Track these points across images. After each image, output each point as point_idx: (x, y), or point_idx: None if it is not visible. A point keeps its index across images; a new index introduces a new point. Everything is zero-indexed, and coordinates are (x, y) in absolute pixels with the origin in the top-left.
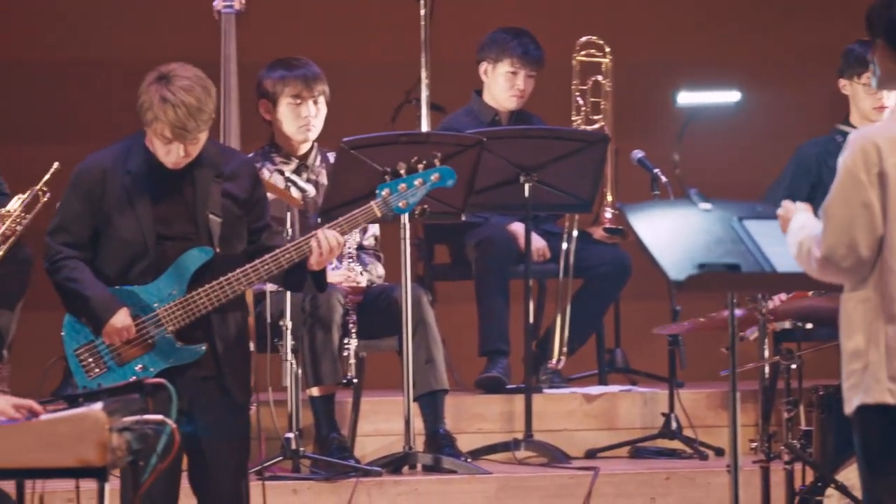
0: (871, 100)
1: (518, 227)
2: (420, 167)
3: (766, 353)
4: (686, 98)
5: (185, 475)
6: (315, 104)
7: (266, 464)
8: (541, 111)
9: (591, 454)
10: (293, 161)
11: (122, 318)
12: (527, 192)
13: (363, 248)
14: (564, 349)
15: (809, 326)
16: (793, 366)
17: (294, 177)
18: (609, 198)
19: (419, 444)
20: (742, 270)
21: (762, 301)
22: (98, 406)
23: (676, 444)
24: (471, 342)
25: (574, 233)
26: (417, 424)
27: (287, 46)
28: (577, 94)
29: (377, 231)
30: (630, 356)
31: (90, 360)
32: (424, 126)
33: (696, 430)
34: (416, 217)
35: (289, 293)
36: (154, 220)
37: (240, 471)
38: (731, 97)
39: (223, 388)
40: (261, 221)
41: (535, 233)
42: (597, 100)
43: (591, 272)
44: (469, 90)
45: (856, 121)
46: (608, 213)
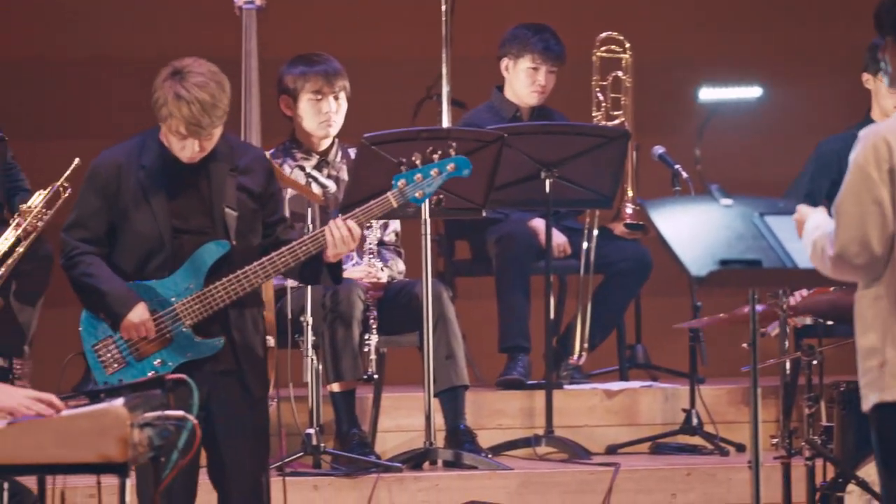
0: (894, 97)
1: (539, 223)
2: (436, 157)
3: (788, 349)
4: (707, 94)
5: (203, 470)
6: (336, 100)
7: (287, 460)
8: (561, 107)
9: (612, 450)
10: (314, 157)
11: (141, 313)
12: (547, 188)
13: (384, 244)
14: (585, 345)
15: (830, 322)
16: (814, 362)
17: (315, 173)
18: (630, 193)
19: (440, 440)
20: (763, 266)
21: (783, 297)
22: (119, 402)
23: (697, 440)
24: (491, 338)
25: (595, 229)
26: (438, 420)
27: (308, 42)
28: (598, 90)
29: (398, 227)
30: (651, 352)
31: (108, 356)
32: (445, 122)
33: (717, 426)
34: (433, 207)
35: (309, 289)
36: (170, 215)
37: (259, 465)
38: (753, 93)
39: (242, 382)
40: (275, 215)
41: (556, 229)
42: (617, 95)
43: (612, 268)
44: (490, 86)
45: (877, 116)
46: (629, 209)
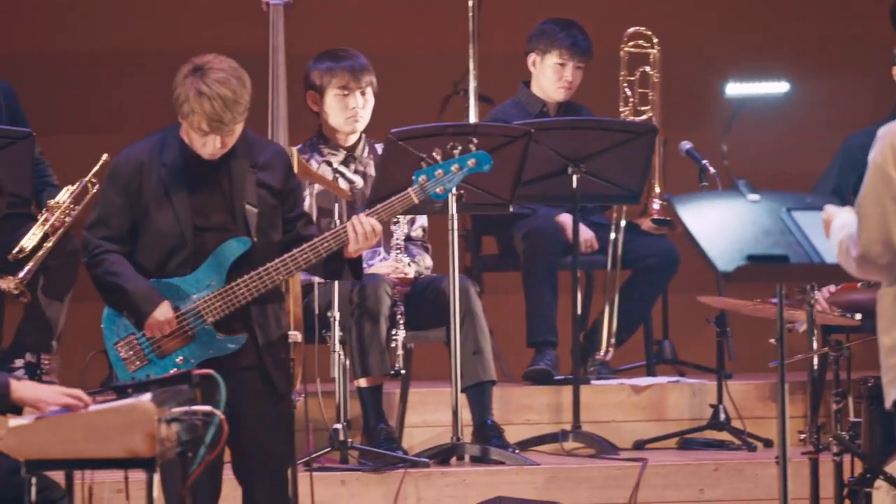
0: None
1: (566, 219)
2: (456, 153)
3: (815, 345)
4: (734, 89)
5: (228, 466)
6: (362, 95)
7: (314, 455)
8: (589, 102)
9: (640, 445)
10: (341, 152)
11: (164, 311)
12: (575, 184)
13: (411, 240)
14: (612, 340)
15: (858, 317)
16: (841, 357)
17: (342, 168)
18: (657, 189)
19: (467, 436)
20: (790, 262)
21: (811, 292)
22: (147, 397)
23: (725, 436)
24: (518, 333)
25: (622, 224)
26: (465, 415)
27: (335, 38)
28: (625, 85)
29: (425, 222)
30: (678, 347)
31: (131, 354)
32: (472, 117)
33: (745, 422)
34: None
35: (337, 284)
36: (191, 212)
37: (284, 460)
38: (780, 88)
39: (265, 378)
40: (295, 211)
41: (583, 224)
42: (645, 91)
43: (639, 263)
44: (517, 81)
45: None
46: (656, 205)
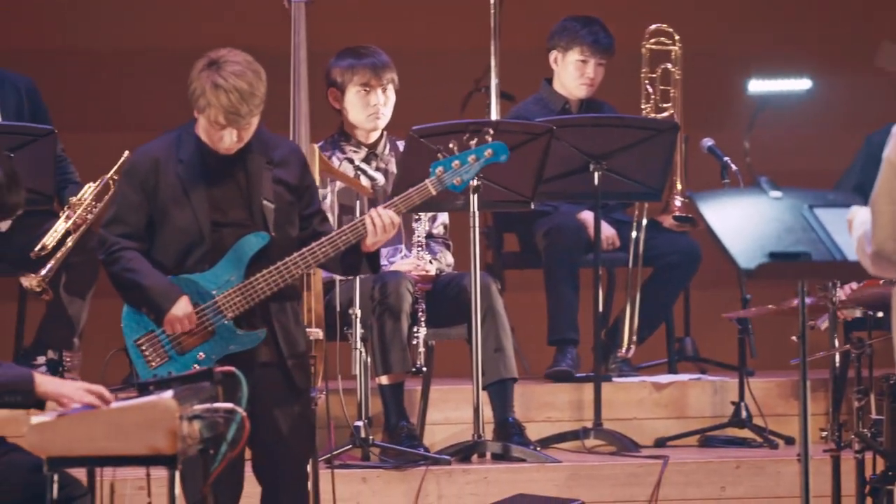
0: None
1: (587, 216)
2: (472, 143)
3: (837, 342)
4: (757, 86)
5: (248, 463)
6: (384, 92)
7: (335, 452)
8: (610, 99)
9: (661, 443)
10: (362, 149)
11: (184, 307)
12: (596, 181)
13: (432, 237)
14: (634, 338)
15: (880, 315)
16: (863, 354)
17: (363, 165)
18: (679, 186)
19: (488, 433)
20: (812, 259)
21: (833, 290)
22: (169, 394)
23: (746, 433)
24: (540, 331)
25: (644, 221)
26: (486, 413)
27: (356, 35)
28: (647, 82)
29: (446, 219)
30: (700, 345)
31: (151, 351)
32: (494, 114)
33: (766, 419)
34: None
35: (358, 281)
36: (209, 208)
37: (304, 456)
38: (802, 85)
39: (285, 374)
40: (311, 207)
41: (605, 221)
42: (666, 88)
43: (661, 261)
44: (539, 78)
45: None
46: (678, 202)
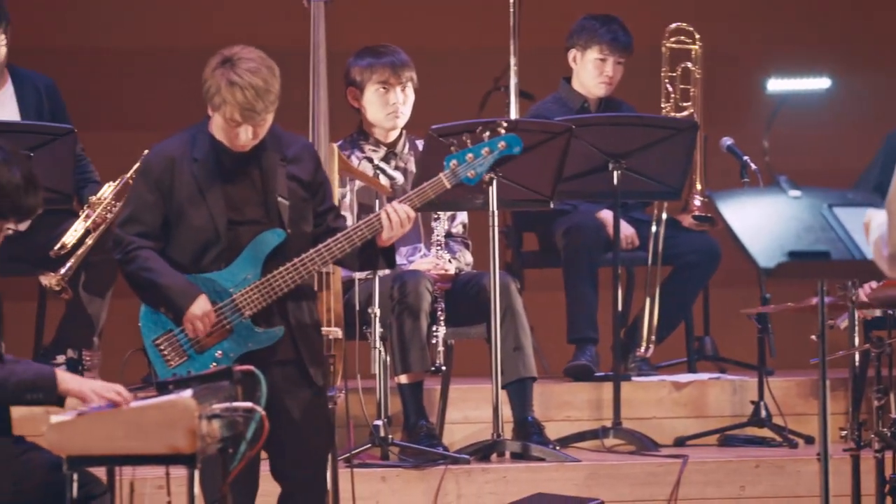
0: None
1: (607, 215)
2: (486, 136)
3: (857, 341)
4: (776, 85)
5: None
6: (403, 91)
7: (355, 451)
8: (630, 98)
9: (680, 442)
10: (381, 148)
11: (203, 306)
12: (615, 180)
13: (451, 236)
14: (653, 337)
15: None
16: (883, 353)
17: (383, 164)
18: (698, 185)
19: (507, 432)
20: (832, 258)
21: (852, 289)
22: (188, 393)
23: (766, 433)
24: (559, 330)
25: (663, 220)
26: (506, 412)
27: (375, 34)
28: (667, 81)
29: (465, 218)
30: (719, 344)
31: (169, 350)
32: (513, 113)
33: (786, 418)
34: (485, 186)
35: (377, 280)
36: (225, 206)
37: (322, 452)
38: (822, 84)
39: (302, 372)
40: (325, 204)
41: (624, 220)
42: (686, 87)
43: (680, 260)
44: (558, 77)
45: None
46: (697, 201)
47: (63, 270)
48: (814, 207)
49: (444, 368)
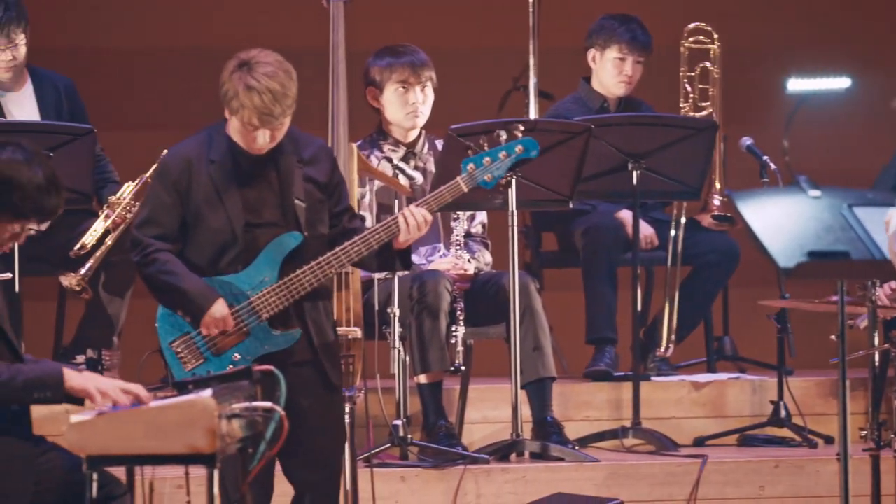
0: None
1: (626, 215)
2: (503, 140)
3: (876, 341)
4: (796, 84)
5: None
6: (422, 91)
7: (374, 451)
8: (649, 98)
9: (700, 442)
10: (401, 148)
11: (221, 309)
12: (635, 180)
13: (471, 236)
14: (672, 337)
15: None
16: None
17: (402, 164)
18: (717, 185)
19: (527, 432)
20: (851, 258)
21: (872, 289)
22: (207, 393)
23: (785, 433)
24: (578, 330)
25: (682, 220)
26: (525, 412)
27: (395, 34)
28: (686, 81)
29: (485, 218)
30: (738, 344)
31: (186, 352)
32: (532, 113)
33: (806, 418)
34: (502, 189)
35: (396, 280)
36: (242, 209)
37: (337, 452)
38: (842, 83)
39: (319, 373)
40: (341, 205)
41: (643, 220)
42: (705, 86)
43: (700, 260)
44: (577, 77)
45: None
46: (717, 201)
47: (83, 271)
48: (833, 207)
49: (464, 368)
